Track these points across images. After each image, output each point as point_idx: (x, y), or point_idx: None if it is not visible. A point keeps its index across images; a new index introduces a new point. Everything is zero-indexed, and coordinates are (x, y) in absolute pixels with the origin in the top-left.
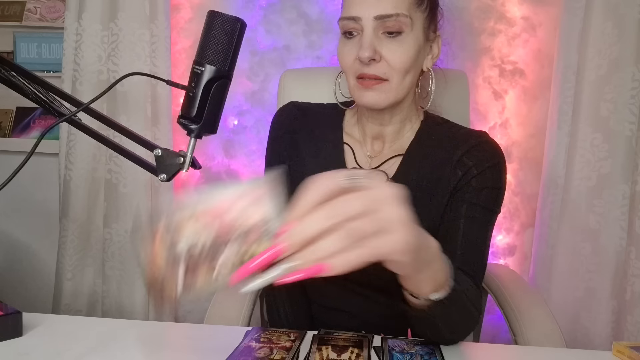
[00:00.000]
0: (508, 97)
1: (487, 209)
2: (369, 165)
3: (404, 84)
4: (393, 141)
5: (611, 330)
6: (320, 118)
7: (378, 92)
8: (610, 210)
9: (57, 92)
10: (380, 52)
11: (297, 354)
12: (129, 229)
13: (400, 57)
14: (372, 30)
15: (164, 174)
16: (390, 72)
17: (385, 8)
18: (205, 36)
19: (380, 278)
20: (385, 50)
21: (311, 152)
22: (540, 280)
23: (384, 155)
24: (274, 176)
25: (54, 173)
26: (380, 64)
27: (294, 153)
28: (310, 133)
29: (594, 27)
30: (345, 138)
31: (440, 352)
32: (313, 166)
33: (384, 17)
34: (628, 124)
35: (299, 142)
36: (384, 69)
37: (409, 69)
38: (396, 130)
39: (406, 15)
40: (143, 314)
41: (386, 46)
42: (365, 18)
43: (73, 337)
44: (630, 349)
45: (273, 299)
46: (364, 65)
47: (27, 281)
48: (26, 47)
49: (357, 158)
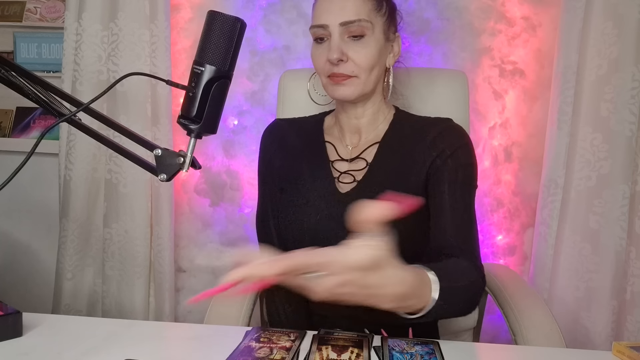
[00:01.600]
0: (508, 97)
1: (466, 184)
2: (349, 156)
3: (370, 79)
4: (368, 132)
5: (611, 330)
6: (303, 125)
7: (348, 86)
8: (610, 210)
9: (57, 92)
10: (347, 54)
11: (297, 354)
12: (129, 229)
13: (365, 57)
14: (338, 35)
15: (164, 174)
16: (357, 70)
17: (348, 15)
18: (205, 36)
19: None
20: (351, 52)
21: (298, 151)
22: (540, 280)
23: (361, 145)
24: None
25: (54, 173)
26: (347, 63)
27: (284, 153)
28: (296, 137)
29: (594, 27)
30: (326, 137)
31: (440, 352)
32: (301, 161)
33: (348, 23)
34: (628, 124)
35: (287, 144)
36: (352, 68)
37: (374, 66)
38: (370, 121)
39: (367, 20)
40: (143, 314)
41: (352, 48)
42: (332, 25)
43: (73, 337)
44: (630, 349)
45: (272, 299)
46: (333, 66)
47: (27, 281)
48: (26, 47)
49: (338, 151)
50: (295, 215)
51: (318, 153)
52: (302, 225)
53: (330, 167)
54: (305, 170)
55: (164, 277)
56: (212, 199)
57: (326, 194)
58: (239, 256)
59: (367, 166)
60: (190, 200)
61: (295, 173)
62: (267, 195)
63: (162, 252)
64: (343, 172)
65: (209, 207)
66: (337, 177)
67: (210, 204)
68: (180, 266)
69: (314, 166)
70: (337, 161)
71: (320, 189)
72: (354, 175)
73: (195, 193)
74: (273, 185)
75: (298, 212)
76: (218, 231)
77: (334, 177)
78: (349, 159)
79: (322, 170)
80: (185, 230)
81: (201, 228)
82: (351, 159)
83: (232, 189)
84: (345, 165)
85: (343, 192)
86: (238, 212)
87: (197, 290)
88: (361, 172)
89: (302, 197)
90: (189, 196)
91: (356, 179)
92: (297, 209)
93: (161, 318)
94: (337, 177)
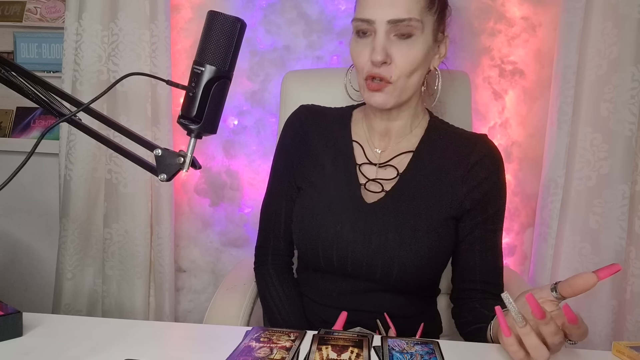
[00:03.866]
0: (508, 97)
1: (501, 212)
2: (378, 161)
3: (408, 85)
4: (399, 137)
5: (611, 330)
6: (329, 118)
7: (385, 94)
8: (610, 210)
9: (57, 92)
10: (391, 55)
11: (297, 353)
12: (129, 228)
13: (409, 60)
14: (384, 33)
15: (164, 174)
16: (397, 73)
17: (398, 13)
18: (205, 36)
19: (405, 281)
20: (395, 53)
21: (322, 147)
22: (540, 280)
23: (392, 151)
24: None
25: (54, 173)
26: (390, 66)
27: (305, 149)
28: (321, 131)
29: (594, 27)
30: (353, 136)
31: (440, 352)
32: (324, 161)
33: (397, 21)
34: (628, 124)
35: (310, 139)
36: (393, 71)
37: (416, 70)
38: (403, 125)
39: (418, 19)
40: (143, 314)
41: (397, 48)
42: (379, 21)
43: (73, 337)
44: (630, 349)
45: (269, 301)
46: (374, 67)
47: (27, 281)
48: (26, 47)
49: (367, 153)
50: (312, 221)
51: (344, 153)
52: (319, 234)
53: (357, 172)
54: (329, 172)
55: (164, 277)
56: (212, 199)
57: (350, 202)
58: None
59: (397, 176)
60: (190, 200)
61: (317, 172)
62: (277, 190)
63: (162, 252)
64: (371, 180)
65: (209, 207)
66: (363, 183)
67: (210, 204)
68: (180, 266)
69: (339, 168)
70: (364, 165)
71: (343, 195)
72: (382, 184)
73: (195, 193)
74: (290, 182)
75: (316, 219)
76: (218, 231)
77: (360, 183)
78: (377, 164)
79: (347, 174)
80: (185, 230)
81: (201, 228)
82: (380, 165)
83: (232, 189)
84: (374, 171)
85: (369, 202)
86: (238, 212)
87: (197, 290)
88: (391, 182)
89: (323, 202)
90: (189, 196)
91: (384, 189)
92: (316, 215)
93: (161, 318)
94: (364, 183)
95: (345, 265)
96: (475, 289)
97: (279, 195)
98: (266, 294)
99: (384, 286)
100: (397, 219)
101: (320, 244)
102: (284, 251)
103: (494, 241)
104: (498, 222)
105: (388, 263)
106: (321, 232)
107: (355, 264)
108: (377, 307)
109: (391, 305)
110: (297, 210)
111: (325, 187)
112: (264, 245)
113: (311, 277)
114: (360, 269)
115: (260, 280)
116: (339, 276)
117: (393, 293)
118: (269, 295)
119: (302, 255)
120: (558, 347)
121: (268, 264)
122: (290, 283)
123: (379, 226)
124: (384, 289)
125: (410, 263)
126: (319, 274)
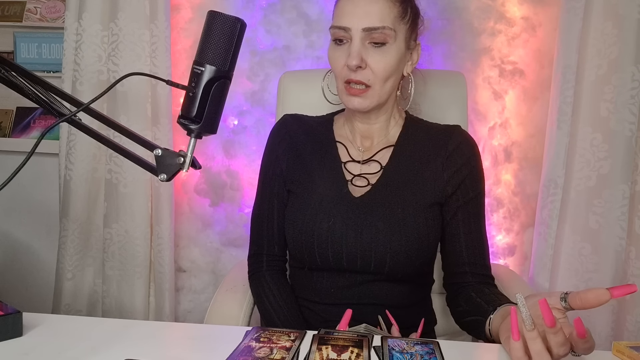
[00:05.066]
0: (508, 97)
1: (481, 196)
2: (362, 158)
3: (384, 89)
4: (380, 137)
5: (611, 330)
6: (313, 124)
7: (363, 98)
8: (610, 210)
9: (57, 92)
10: (366, 60)
11: (297, 353)
12: (129, 228)
13: (383, 66)
14: (359, 40)
15: (164, 174)
16: (373, 79)
17: (372, 21)
18: (205, 36)
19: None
20: (370, 59)
21: (308, 150)
22: (540, 280)
23: (374, 148)
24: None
25: (54, 173)
26: (365, 70)
27: (293, 154)
28: (306, 135)
29: (594, 27)
30: (336, 137)
31: (440, 352)
32: (312, 163)
33: (371, 29)
34: (628, 124)
35: (296, 144)
36: (369, 76)
37: (390, 76)
38: (382, 127)
39: (391, 28)
40: (143, 314)
41: (371, 55)
42: (355, 29)
43: (73, 337)
44: (630, 349)
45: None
46: (351, 72)
47: (27, 281)
48: (26, 47)
49: (350, 152)
50: (305, 220)
51: (329, 153)
52: (313, 231)
53: (343, 169)
54: (316, 172)
55: (164, 277)
56: (212, 199)
57: (339, 198)
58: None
59: (381, 169)
60: (190, 200)
61: (305, 174)
62: (268, 195)
63: (162, 252)
64: (356, 175)
65: (209, 207)
66: (350, 179)
67: (210, 204)
68: (180, 266)
69: (325, 168)
70: (349, 162)
71: (332, 192)
72: (367, 179)
73: (195, 193)
74: (280, 186)
75: (309, 217)
76: (218, 231)
77: (346, 179)
78: (361, 160)
79: (333, 172)
80: (185, 230)
81: (201, 228)
82: (364, 161)
83: (232, 189)
84: (358, 168)
85: (357, 195)
86: (238, 212)
87: (197, 290)
88: (375, 175)
89: (313, 201)
90: (189, 196)
91: (370, 182)
92: (308, 214)
93: (161, 318)
94: (350, 179)
95: (340, 259)
96: (465, 271)
97: (270, 201)
98: (263, 299)
99: (379, 276)
100: (385, 209)
101: (315, 241)
102: (278, 256)
103: (477, 224)
104: (479, 207)
105: (381, 252)
106: (315, 229)
107: (349, 256)
108: (375, 298)
109: (388, 295)
110: (290, 212)
111: (314, 187)
112: (258, 252)
113: (307, 278)
114: (354, 261)
115: (257, 286)
116: (335, 272)
117: (389, 282)
118: (267, 300)
119: (298, 255)
120: (562, 357)
121: (263, 270)
122: (287, 287)
123: (369, 217)
124: (379, 279)
125: (401, 249)
126: (315, 273)
